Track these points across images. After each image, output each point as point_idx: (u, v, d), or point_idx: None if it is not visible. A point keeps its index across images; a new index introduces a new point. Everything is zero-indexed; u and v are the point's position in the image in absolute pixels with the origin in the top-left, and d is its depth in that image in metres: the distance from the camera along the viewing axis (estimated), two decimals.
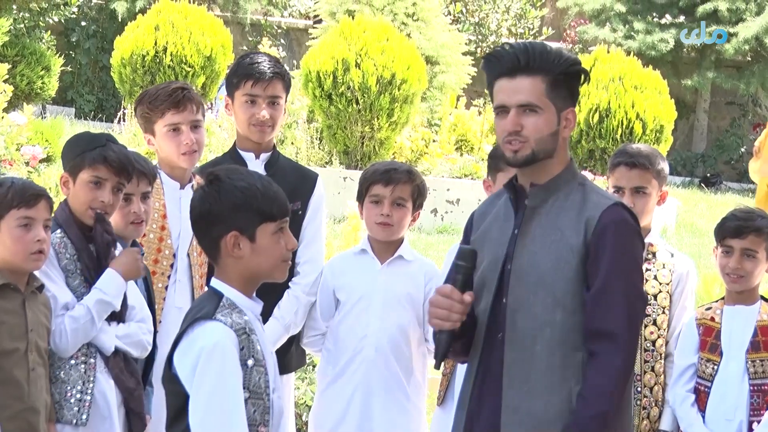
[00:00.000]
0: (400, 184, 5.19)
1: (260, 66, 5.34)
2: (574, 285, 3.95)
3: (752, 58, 22.33)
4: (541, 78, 3.98)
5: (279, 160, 5.47)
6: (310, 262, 5.39)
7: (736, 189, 21.34)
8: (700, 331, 5.22)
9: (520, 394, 3.95)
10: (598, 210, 3.98)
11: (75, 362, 4.55)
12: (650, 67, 16.26)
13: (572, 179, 4.09)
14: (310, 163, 14.04)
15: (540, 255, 3.97)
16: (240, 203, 3.68)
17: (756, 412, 5.04)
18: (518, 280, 3.99)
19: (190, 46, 16.06)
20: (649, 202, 5.27)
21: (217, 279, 3.76)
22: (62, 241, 4.60)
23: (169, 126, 5.25)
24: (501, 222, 4.11)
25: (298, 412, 6.71)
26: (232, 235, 3.68)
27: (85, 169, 4.62)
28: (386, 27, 14.65)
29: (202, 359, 3.58)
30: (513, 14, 23.61)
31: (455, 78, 18.03)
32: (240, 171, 3.79)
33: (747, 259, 5.11)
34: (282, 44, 22.55)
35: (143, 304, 4.79)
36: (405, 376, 5.21)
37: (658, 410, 5.34)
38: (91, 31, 21.95)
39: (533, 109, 3.98)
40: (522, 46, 4.01)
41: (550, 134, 4.01)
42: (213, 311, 3.65)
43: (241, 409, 3.59)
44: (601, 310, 3.90)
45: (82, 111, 21.01)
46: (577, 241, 3.95)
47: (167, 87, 5.33)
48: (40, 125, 13.30)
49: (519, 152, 3.99)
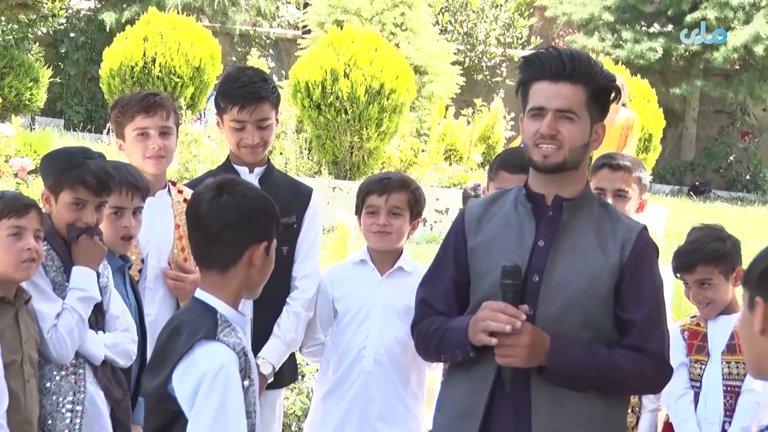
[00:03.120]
0: (395, 193, 5.17)
1: (245, 90, 5.27)
2: (605, 303, 4.00)
3: (740, 67, 22.40)
4: (582, 88, 3.98)
5: (273, 174, 5.46)
6: (308, 277, 5.36)
7: (725, 197, 21.38)
8: (685, 336, 5.25)
9: (550, 409, 3.97)
10: (632, 233, 4.04)
11: (65, 373, 4.54)
12: (638, 76, 16.31)
13: (592, 197, 4.14)
14: (299, 174, 14.04)
15: (573, 271, 3.99)
16: (265, 216, 3.63)
17: (729, 413, 5.06)
18: (549, 294, 3.98)
19: (179, 56, 16.06)
20: (629, 206, 5.32)
21: (206, 293, 3.64)
22: (48, 254, 4.58)
23: (138, 130, 5.23)
24: (515, 230, 4.08)
25: (287, 422, 6.71)
26: (265, 245, 3.62)
27: (65, 191, 4.57)
28: (375, 37, 14.66)
29: (206, 382, 3.48)
30: (501, 24, 23.65)
31: (444, 88, 18.05)
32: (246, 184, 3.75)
33: (704, 288, 5.16)
34: (271, 55, 22.55)
35: (127, 313, 4.78)
36: (403, 387, 5.19)
37: (635, 417, 5.38)
38: (79, 43, 21.94)
39: (570, 117, 3.98)
40: (569, 53, 4.01)
41: (582, 145, 4.02)
42: (214, 331, 3.54)
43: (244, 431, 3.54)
44: (649, 332, 4.01)
45: (71, 122, 20.99)
46: (613, 261, 3.99)
47: (140, 93, 5.33)
48: (28, 137, 13.31)
49: (549, 158, 3.99)
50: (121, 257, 4.95)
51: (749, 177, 22.70)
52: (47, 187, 4.66)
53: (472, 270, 4.13)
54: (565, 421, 3.97)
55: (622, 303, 4.00)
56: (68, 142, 17.02)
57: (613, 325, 4.01)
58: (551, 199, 4.06)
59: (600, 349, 3.96)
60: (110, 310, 4.73)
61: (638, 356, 3.98)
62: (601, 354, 3.96)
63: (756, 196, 21.73)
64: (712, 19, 21.51)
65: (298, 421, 6.75)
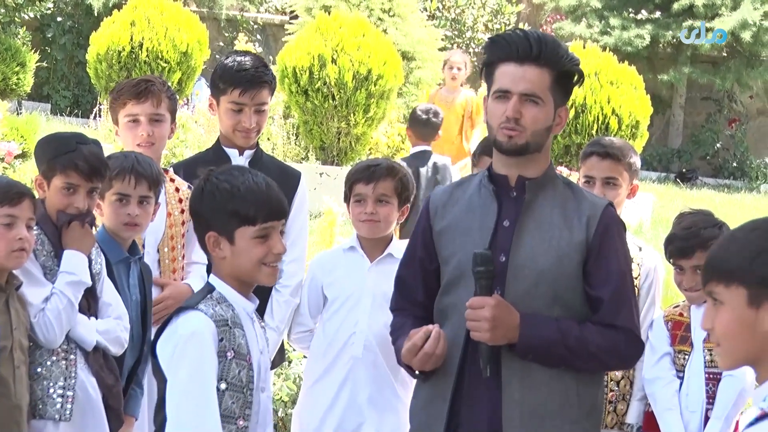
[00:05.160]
0: (381, 181, 5.16)
1: (248, 74, 5.29)
2: (573, 281, 4.01)
3: (728, 54, 22.42)
4: (548, 71, 3.99)
5: (263, 158, 5.47)
6: (295, 262, 5.38)
7: (712, 184, 21.41)
8: (668, 327, 5.25)
9: (521, 388, 3.98)
10: (597, 209, 4.05)
11: (56, 358, 4.55)
12: (626, 63, 16.29)
13: (556, 176, 4.13)
14: (286, 159, 14.03)
15: (539, 250, 4.00)
16: (216, 205, 3.71)
17: (711, 400, 5.07)
18: (516, 273, 4.00)
19: (166, 41, 16.03)
20: (620, 193, 5.30)
21: (212, 274, 3.82)
22: (39, 239, 4.58)
23: (129, 116, 5.28)
24: (477, 212, 4.09)
25: (274, 408, 6.71)
26: (210, 236, 3.73)
27: (57, 175, 4.59)
28: (362, 23, 14.64)
29: (178, 346, 3.65)
30: (489, 10, 23.63)
31: (431, 74, 18.03)
32: (232, 171, 3.79)
33: (699, 274, 5.10)
34: (258, 40, 22.51)
35: (119, 301, 4.78)
36: (393, 374, 5.18)
37: (625, 404, 5.38)
38: (66, 27, 21.87)
39: (535, 100, 3.98)
40: (536, 35, 4.01)
41: (545, 128, 4.03)
42: (198, 302, 3.71)
43: (213, 396, 3.62)
44: (618, 308, 4.02)
45: (58, 107, 20.93)
46: (579, 238, 4.01)
47: (135, 79, 5.39)
48: (15, 121, 13.27)
49: (513, 139, 3.99)
50: (129, 250, 4.94)
51: (736, 164, 22.73)
52: (40, 172, 4.67)
53: (439, 255, 4.17)
54: (536, 399, 3.98)
55: (590, 280, 4.02)
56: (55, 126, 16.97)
57: (583, 302, 4.03)
58: (515, 180, 4.07)
59: (571, 325, 3.98)
60: (103, 297, 4.73)
61: (609, 331, 4.00)
62: (572, 329, 3.97)
63: (743, 183, 21.78)
64: (699, 5, 21.52)
65: (285, 407, 6.75)
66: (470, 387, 4.05)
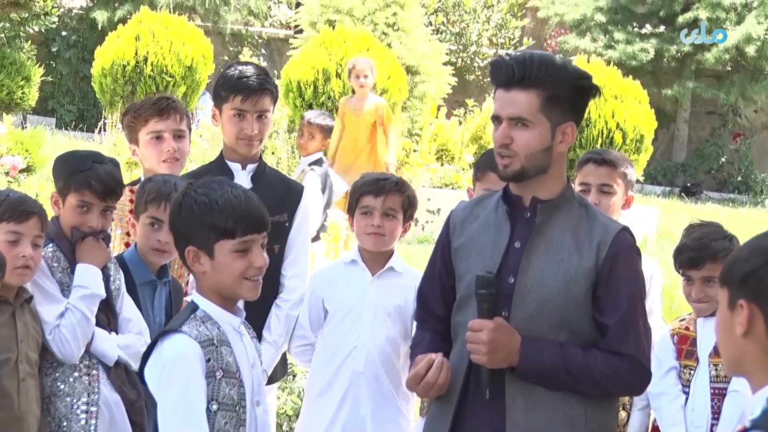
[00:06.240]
0: (391, 195, 5.16)
1: (249, 80, 5.29)
2: (581, 306, 3.97)
3: (732, 68, 22.41)
4: (536, 93, 3.93)
5: (265, 171, 5.46)
6: (296, 277, 5.37)
7: (717, 198, 21.40)
8: (675, 341, 5.23)
9: (525, 410, 3.96)
10: (609, 234, 4.00)
11: (78, 374, 4.56)
12: (630, 77, 16.31)
13: (573, 198, 4.09)
14: (291, 173, 14.03)
15: (547, 273, 3.97)
16: (194, 219, 3.65)
17: (717, 416, 5.05)
18: (523, 296, 3.97)
19: (171, 56, 16.07)
20: (614, 202, 5.32)
21: (196, 291, 3.77)
22: (55, 255, 4.61)
23: (152, 134, 5.27)
24: (492, 232, 4.08)
25: (279, 422, 6.71)
26: (189, 250, 3.68)
27: (72, 194, 4.61)
28: (367, 37, 14.68)
29: (165, 371, 3.61)
30: (493, 24, 23.66)
31: (436, 88, 18.06)
32: (211, 185, 3.72)
33: (708, 285, 5.08)
34: (263, 54, 22.55)
35: (139, 317, 4.78)
36: (395, 388, 5.18)
37: (625, 414, 5.38)
38: (71, 41, 21.92)
39: (525, 123, 3.94)
40: (521, 58, 3.96)
41: (542, 149, 3.97)
42: (182, 323, 3.66)
43: (202, 417, 3.59)
44: (625, 335, 3.97)
45: (63, 121, 20.98)
46: (588, 264, 3.97)
47: (152, 97, 5.38)
48: (20, 135, 13.31)
49: (508, 168, 3.97)
50: (158, 273, 4.91)
51: (740, 178, 22.71)
52: (57, 189, 4.71)
53: (456, 271, 4.17)
54: (541, 422, 3.96)
55: (599, 306, 3.98)
56: (59, 141, 17.01)
57: (591, 327, 3.99)
58: (528, 201, 4.05)
59: (575, 351, 3.95)
60: (123, 313, 4.74)
61: (614, 359, 3.96)
62: (576, 355, 3.94)
63: (747, 197, 21.75)
64: (704, 19, 21.53)
65: (290, 421, 6.75)
66: (473, 407, 4.04)
